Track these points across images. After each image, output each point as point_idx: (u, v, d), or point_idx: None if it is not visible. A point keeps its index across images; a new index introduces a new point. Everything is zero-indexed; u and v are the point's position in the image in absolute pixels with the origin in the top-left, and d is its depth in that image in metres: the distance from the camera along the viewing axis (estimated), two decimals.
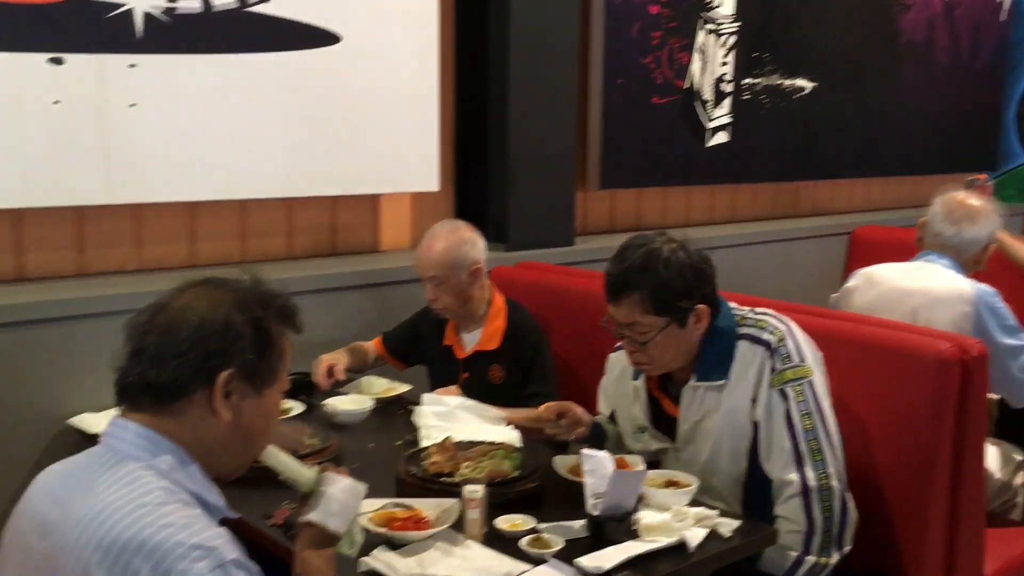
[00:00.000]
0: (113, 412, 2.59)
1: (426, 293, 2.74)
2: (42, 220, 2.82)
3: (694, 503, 1.93)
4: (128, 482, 1.25)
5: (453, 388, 2.65)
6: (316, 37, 3.11)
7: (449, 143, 3.69)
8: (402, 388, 2.77)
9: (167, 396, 1.32)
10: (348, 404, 2.57)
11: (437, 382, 2.79)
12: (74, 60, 2.66)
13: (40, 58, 2.61)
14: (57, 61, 2.64)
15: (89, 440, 2.59)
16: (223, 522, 1.32)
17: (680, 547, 1.78)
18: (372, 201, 3.57)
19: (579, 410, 2.24)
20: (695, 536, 1.79)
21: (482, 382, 2.72)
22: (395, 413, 2.62)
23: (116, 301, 2.72)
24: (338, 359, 2.75)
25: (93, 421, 2.59)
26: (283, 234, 3.36)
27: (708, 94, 4.46)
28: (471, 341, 2.78)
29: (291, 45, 3.07)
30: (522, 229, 3.71)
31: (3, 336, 2.55)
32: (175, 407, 1.33)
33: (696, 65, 4.37)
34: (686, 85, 4.35)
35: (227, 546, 1.22)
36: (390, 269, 3.35)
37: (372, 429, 2.51)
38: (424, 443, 2.28)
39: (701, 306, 2.07)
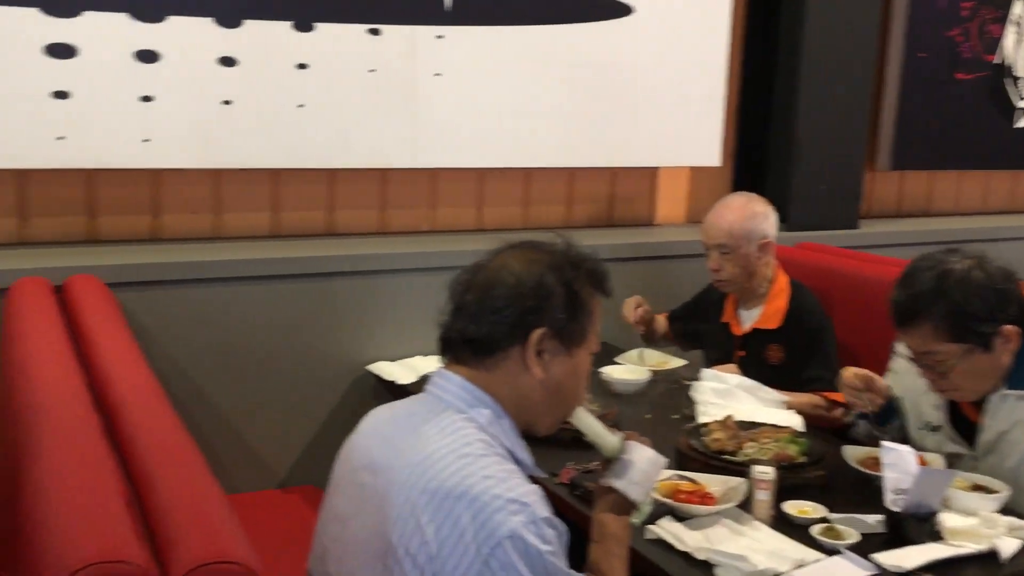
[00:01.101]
0: (409, 361, 2.82)
1: (710, 262, 2.70)
2: (353, 179, 3.05)
3: (1005, 511, 1.78)
4: (451, 431, 1.32)
5: (731, 366, 2.61)
6: (610, 9, 3.14)
7: (732, 117, 3.60)
8: (677, 362, 2.76)
9: (484, 351, 1.39)
10: (625, 374, 2.60)
11: (712, 359, 2.75)
12: (389, 31, 2.85)
13: (360, 28, 2.82)
14: (375, 32, 2.84)
15: (384, 386, 2.80)
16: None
17: (989, 556, 1.65)
18: (650, 174, 3.57)
19: (881, 383, 2.12)
20: (1008, 546, 1.66)
21: (759, 361, 2.65)
22: (670, 386, 2.62)
23: (412, 259, 2.92)
24: (643, 302, 2.80)
25: (388, 369, 2.79)
26: (563, 203, 3.44)
27: (1022, 70, 4.06)
28: (749, 318, 2.72)
29: (585, 16, 3.12)
30: (803, 209, 3.57)
31: (315, 285, 2.80)
32: (491, 362, 1.39)
33: (1010, 39, 3.99)
34: (996, 60, 3.99)
35: (540, 503, 1.27)
36: (665, 243, 3.35)
37: (647, 400, 2.53)
38: (702, 419, 2.27)
39: (1009, 327, 1.89)
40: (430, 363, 2.81)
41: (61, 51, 2.48)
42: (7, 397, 1.76)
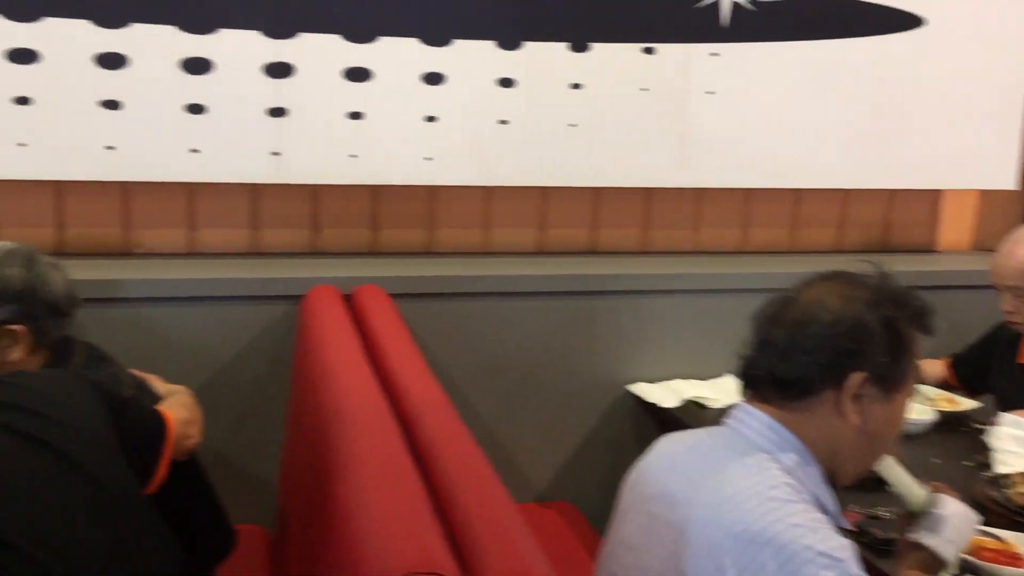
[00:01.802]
0: (669, 384, 2.77)
1: (1003, 304, 2.46)
2: (617, 197, 3.05)
3: None
4: (756, 472, 1.27)
5: None
6: (898, 21, 2.95)
7: None
8: (968, 404, 2.53)
9: (794, 392, 1.32)
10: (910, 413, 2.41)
11: (1007, 403, 2.50)
12: (664, 50, 2.83)
13: (635, 48, 2.82)
14: (649, 51, 2.83)
15: (644, 407, 2.77)
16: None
17: None
18: (933, 196, 3.32)
19: None
20: None
21: None
22: (959, 429, 2.41)
23: (674, 280, 2.87)
24: None
25: (649, 391, 2.75)
26: (834, 225, 3.27)
27: None
28: None
29: (869, 30, 2.95)
30: None
31: (577, 303, 2.82)
32: (801, 404, 1.32)
33: None
34: None
35: (853, 560, 1.19)
36: (949, 272, 3.09)
37: (933, 443, 2.34)
38: (1000, 468, 2.06)
39: None
40: (692, 387, 2.75)
41: (359, 75, 2.65)
42: (309, 396, 1.88)
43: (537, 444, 2.81)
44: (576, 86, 2.81)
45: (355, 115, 2.68)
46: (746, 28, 2.86)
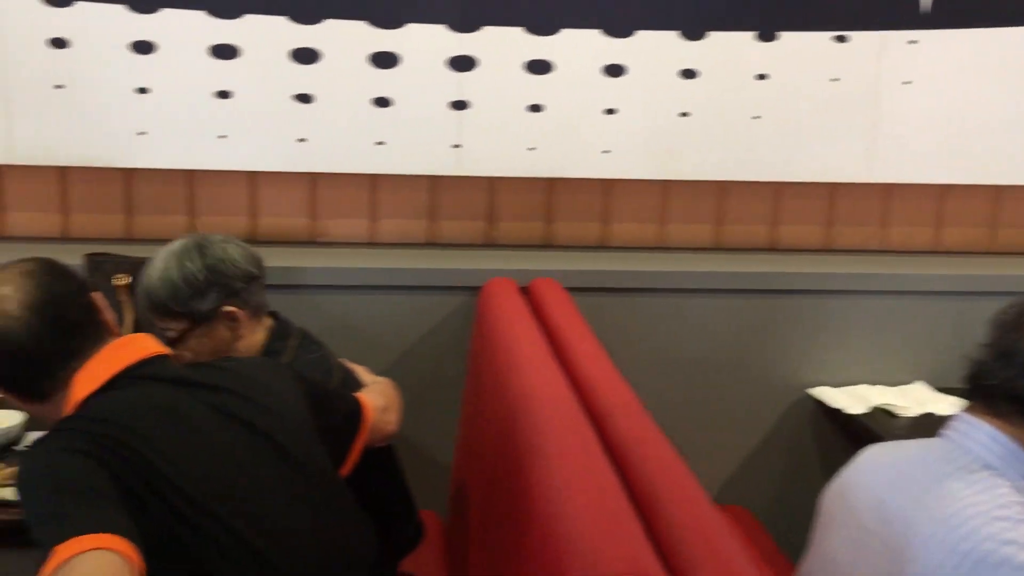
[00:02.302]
0: (855, 389, 2.64)
1: None
2: (799, 193, 2.93)
3: None
4: (983, 489, 1.18)
5: None
6: None
7: None
8: None
9: None
10: None
11: None
12: (857, 38, 2.69)
13: (826, 36, 2.69)
14: (841, 39, 2.70)
15: (826, 413, 2.66)
16: None
17: None
18: None
19: None
20: None
21: None
22: None
23: (860, 280, 2.73)
24: None
25: (832, 395, 2.63)
26: None
27: None
28: None
29: None
30: None
31: (756, 302, 2.72)
32: None
33: None
34: None
35: None
36: None
37: None
38: None
39: None
40: (879, 393, 2.61)
41: (540, 67, 2.65)
42: (493, 388, 1.89)
43: (711, 446, 2.74)
44: (761, 77, 2.71)
45: (535, 108, 2.67)
46: (949, 14, 2.68)
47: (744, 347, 2.74)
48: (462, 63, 2.63)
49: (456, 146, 2.68)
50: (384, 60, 2.61)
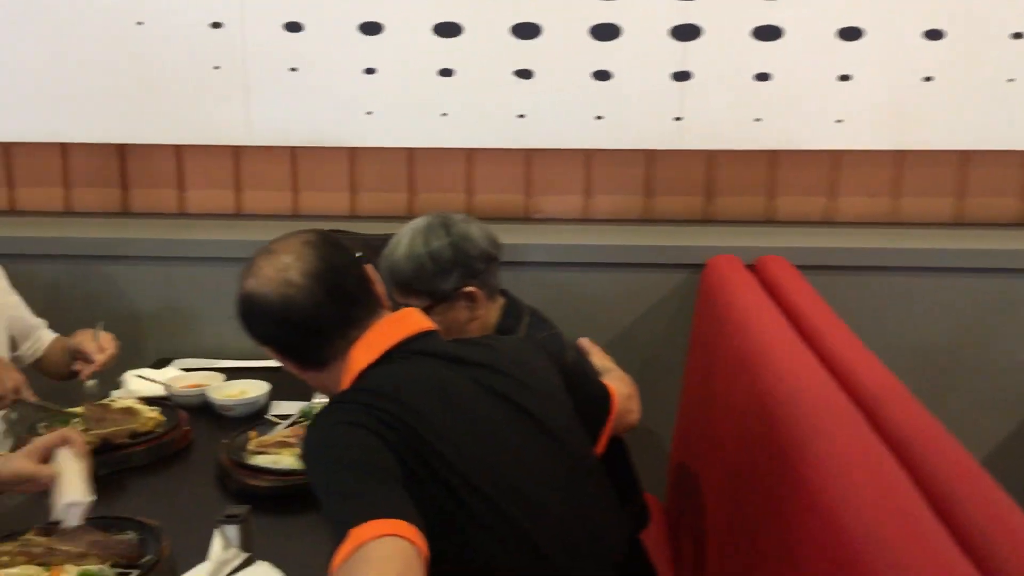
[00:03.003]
0: None
1: None
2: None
3: None
4: None
5: None
6: None
7: None
8: None
9: None
10: None
11: None
12: None
13: None
14: None
15: None
16: None
17: None
18: None
19: None
20: None
21: None
22: None
23: None
24: None
25: None
26: None
27: None
28: None
29: None
30: None
31: (1004, 282, 2.50)
32: None
33: None
34: None
35: None
36: None
37: None
38: None
39: None
40: None
41: (768, 33, 2.52)
42: (737, 376, 1.80)
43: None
44: (1018, 35, 2.47)
45: (762, 76, 2.55)
46: None
47: (990, 331, 2.53)
48: (686, 32, 2.54)
49: (677, 119, 2.60)
50: (605, 32, 2.55)
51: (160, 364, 2.48)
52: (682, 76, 2.57)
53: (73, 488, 1.52)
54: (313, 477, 1.23)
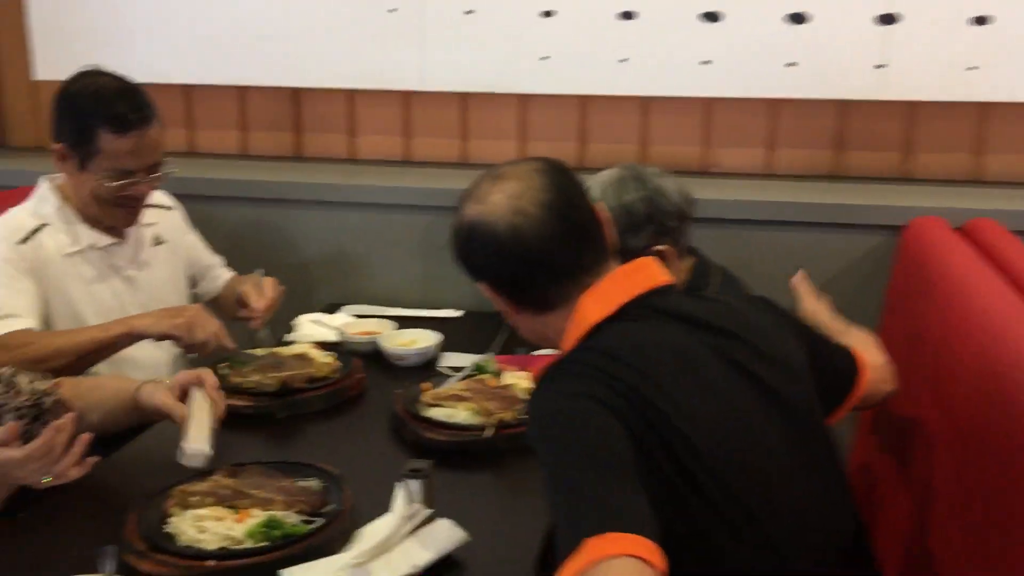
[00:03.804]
0: None
1: None
2: None
3: None
4: None
5: None
6: None
7: None
8: None
9: None
10: None
11: None
12: None
13: None
14: None
15: None
16: None
17: None
18: None
19: None
20: None
21: None
22: None
23: None
24: None
25: None
26: None
27: None
28: None
29: None
30: None
31: None
32: None
33: None
34: None
35: None
36: None
37: None
38: None
39: None
40: None
41: None
42: (958, 351, 1.63)
43: None
44: None
45: (980, 20, 2.30)
46: None
47: None
48: None
49: (879, 66, 2.38)
50: None
51: (331, 310, 2.48)
52: (888, 19, 2.34)
53: (197, 436, 1.52)
54: (541, 455, 1.12)
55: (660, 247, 1.72)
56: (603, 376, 1.14)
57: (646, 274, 1.27)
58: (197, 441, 1.51)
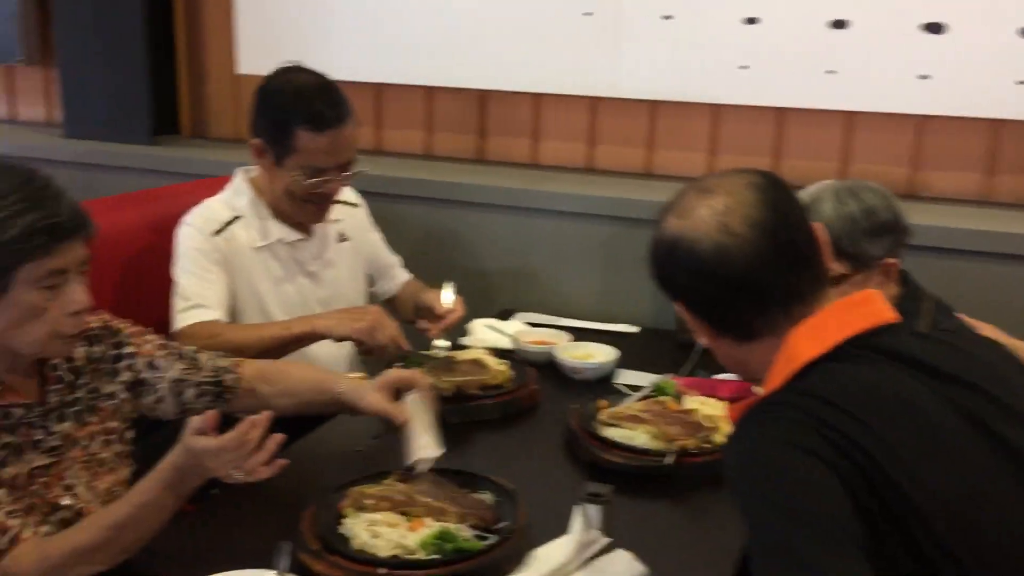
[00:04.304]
0: None
1: None
2: None
3: None
4: None
5: None
6: None
7: None
8: None
9: None
10: None
11: None
12: None
13: None
14: None
15: None
16: None
17: None
18: None
19: None
20: None
21: None
22: None
23: None
24: None
25: None
26: None
27: None
28: None
29: None
30: None
31: None
32: None
33: None
34: None
35: None
36: None
37: None
38: None
39: None
40: None
41: None
42: None
43: None
44: None
45: None
46: None
47: None
48: None
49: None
50: None
51: (504, 316, 2.44)
52: None
53: (426, 437, 1.50)
54: (745, 508, 1.01)
55: (892, 260, 1.58)
56: (818, 425, 1.00)
57: (870, 309, 1.13)
58: (428, 443, 1.49)
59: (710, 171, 2.57)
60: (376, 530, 1.32)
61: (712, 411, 1.76)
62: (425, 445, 1.49)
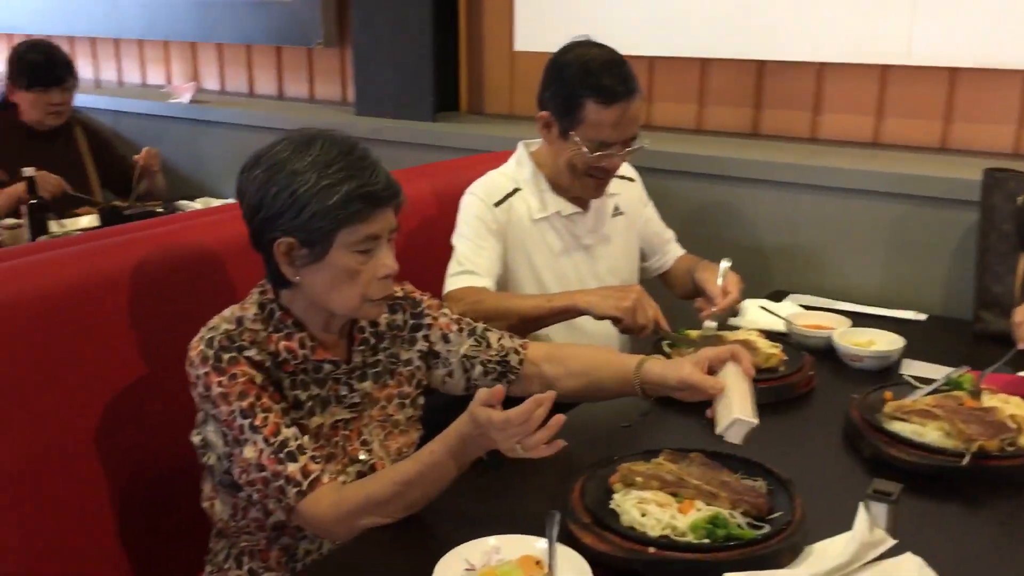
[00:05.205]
0: None
1: None
2: None
3: None
4: None
5: None
6: None
7: None
8: None
9: None
10: None
11: None
12: None
13: None
14: None
15: None
16: None
17: None
18: None
19: None
20: None
21: None
22: None
23: None
24: None
25: None
26: None
27: None
28: None
29: None
30: None
31: None
32: None
33: None
34: None
35: None
36: None
37: None
38: None
39: None
40: None
41: None
42: None
43: None
44: None
45: None
46: None
47: None
48: None
49: None
50: None
51: (776, 297, 2.34)
52: None
53: (742, 405, 1.41)
54: None
55: None
56: None
57: None
58: (744, 411, 1.40)
59: (1014, 147, 2.35)
60: (646, 508, 1.30)
61: (1016, 411, 1.59)
62: (742, 410, 1.40)
